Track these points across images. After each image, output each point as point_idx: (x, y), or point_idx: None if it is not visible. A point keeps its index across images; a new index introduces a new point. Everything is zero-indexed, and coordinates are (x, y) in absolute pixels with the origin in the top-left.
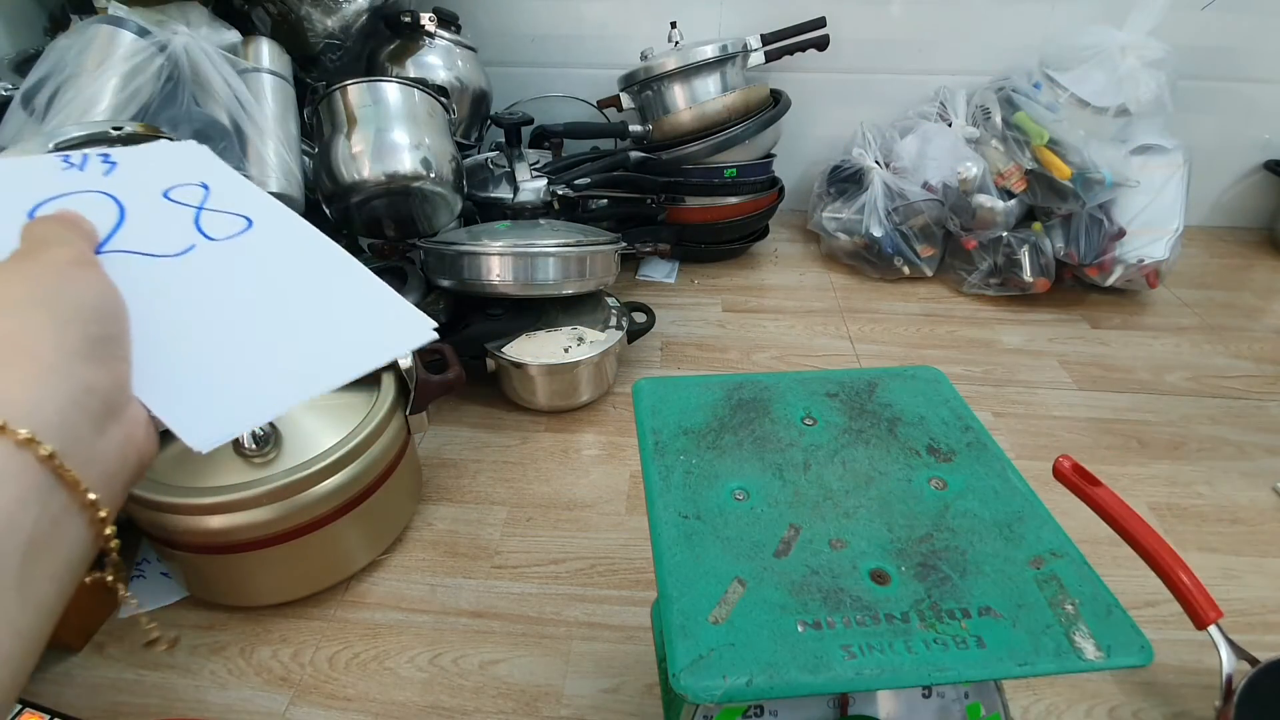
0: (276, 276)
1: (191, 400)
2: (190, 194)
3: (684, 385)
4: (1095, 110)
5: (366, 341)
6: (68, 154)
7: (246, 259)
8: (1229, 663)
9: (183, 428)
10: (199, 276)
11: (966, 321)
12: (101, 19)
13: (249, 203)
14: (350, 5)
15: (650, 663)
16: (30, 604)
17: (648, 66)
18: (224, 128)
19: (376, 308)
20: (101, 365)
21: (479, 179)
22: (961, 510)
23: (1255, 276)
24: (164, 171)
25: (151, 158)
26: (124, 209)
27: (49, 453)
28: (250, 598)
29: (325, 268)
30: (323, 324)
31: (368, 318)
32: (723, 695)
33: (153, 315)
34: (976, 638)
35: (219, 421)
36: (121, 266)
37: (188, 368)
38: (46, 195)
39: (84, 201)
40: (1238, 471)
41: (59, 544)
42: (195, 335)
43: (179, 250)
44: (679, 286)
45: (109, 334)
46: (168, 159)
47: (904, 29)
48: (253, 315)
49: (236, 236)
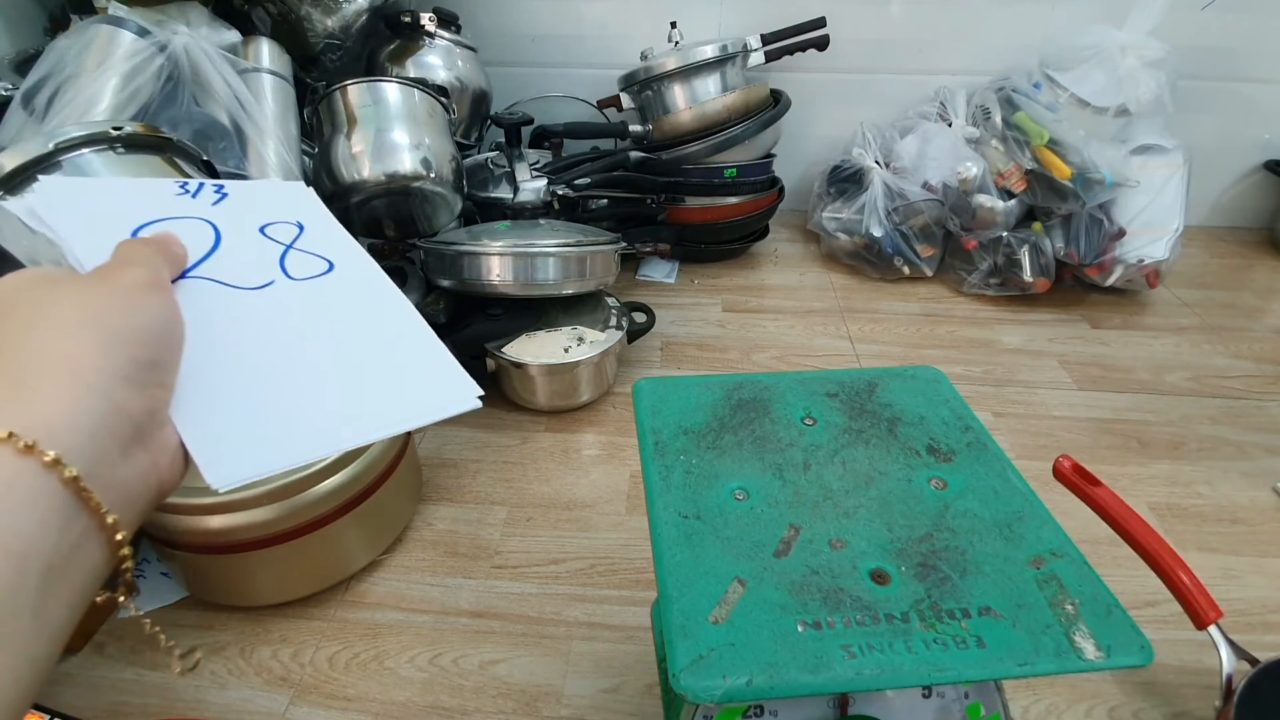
0: (340, 323)
1: (222, 435)
2: (284, 231)
3: (684, 385)
4: (1095, 110)
5: (409, 400)
6: (185, 180)
7: (317, 301)
8: (1229, 663)
9: (206, 461)
10: (268, 312)
11: (966, 321)
12: (101, 19)
13: (335, 247)
14: (350, 5)
15: (650, 663)
16: (45, 629)
17: (648, 66)
18: (224, 128)
19: (429, 367)
20: (140, 390)
21: (479, 179)
22: (961, 510)
23: (1255, 276)
24: (267, 207)
25: (259, 193)
26: (220, 238)
27: (74, 476)
28: (250, 598)
29: (389, 320)
30: (371, 376)
31: (417, 376)
32: (723, 695)
33: (212, 344)
34: (976, 638)
35: (241, 463)
36: (199, 293)
37: (229, 402)
38: (155, 216)
39: (186, 226)
40: (1238, 471)
41: (76, 568)
42: (245, 370)
43: (257, 284)
44: (679, 286)
45: (156, 359)
46: (273, 196)
47: (904, 29)
48: (306, 358)
49: (314, 278)
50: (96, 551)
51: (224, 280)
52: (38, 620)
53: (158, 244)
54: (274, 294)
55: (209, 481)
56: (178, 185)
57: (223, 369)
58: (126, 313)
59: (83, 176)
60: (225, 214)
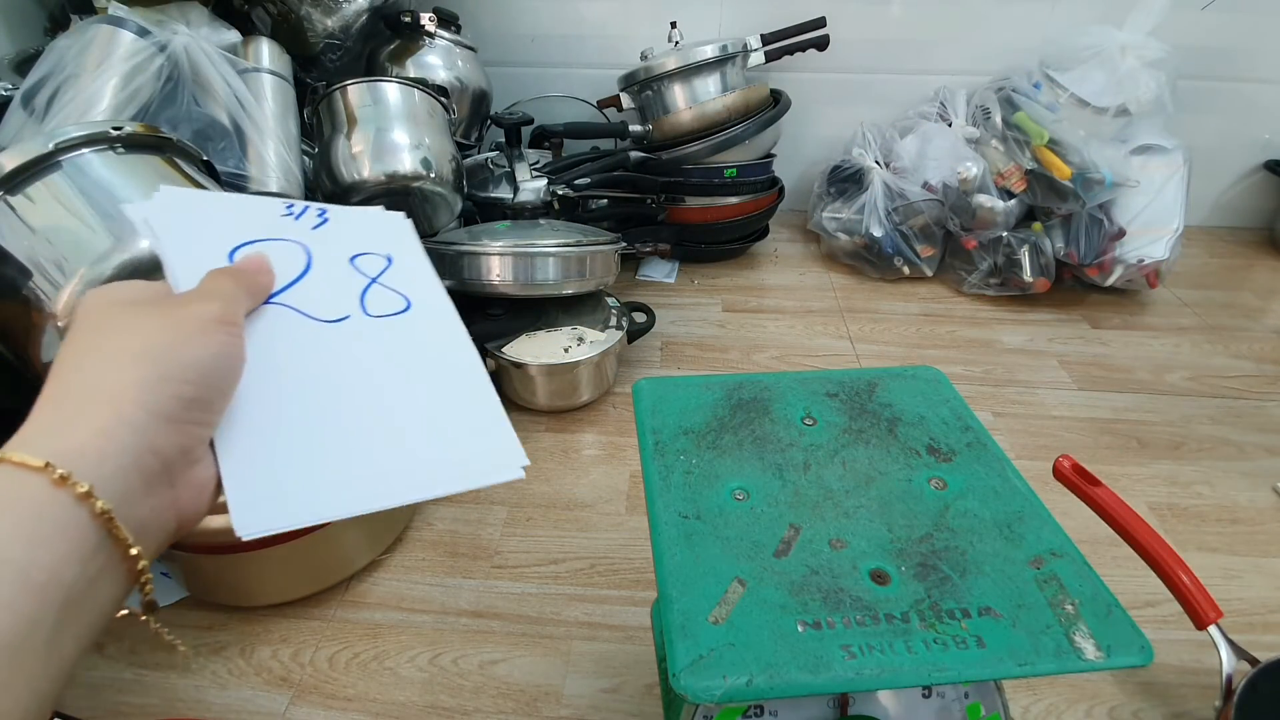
0: (404, 368)
1: (260, 480)
2: (372, 264)
3: (684, 385)
4: (1095, 110)
5: (454, 461)
6: (291, 202)
7: (387, 342)
8: (1229, 663)
9: (238, 505)
10: (336, 349)
11: (966, 321)
12: (101, 19)
13: (418, 285)
14: (350, 5)
15: (650, 663)
16: (55, 663)
17: (648, 66)
18: (224, 128)
19: (480, 427)
20: (178, 429)
21: (479, 179)
22: (961, 510)
23: (1255, 276)
24: (361, 236)
25: (357, 221)
26: (310, 265)
27: (106, 510)
28: (250, 598)
29: (452, 370)
30: (421, 430)
31: (467, 436)
32: (723, 695)
33: (274, 377)
34: (976, 638)
35: (272, 512)
36: (276, 319)
37: (275, 443)
38: (256, 236)
39: (281, 249)
40: (1238, 471)
41: (92, 602)
42: (299, 410)
43: (333, 318)
44: (679, 286)
45: (201, 398)
46: (370, 225)
47: (904, 29)
48: (362, 404)
49: (390, 316)
50: (115, 585)
51: (303, 309)
52: (50, 653)
53: (243, 275)
54: (347, 329)
55: (236, 527)
56: (284, 205)
57: (278, 405)
58: (184, 348)
59: (198, 189)
60: (322, 240)
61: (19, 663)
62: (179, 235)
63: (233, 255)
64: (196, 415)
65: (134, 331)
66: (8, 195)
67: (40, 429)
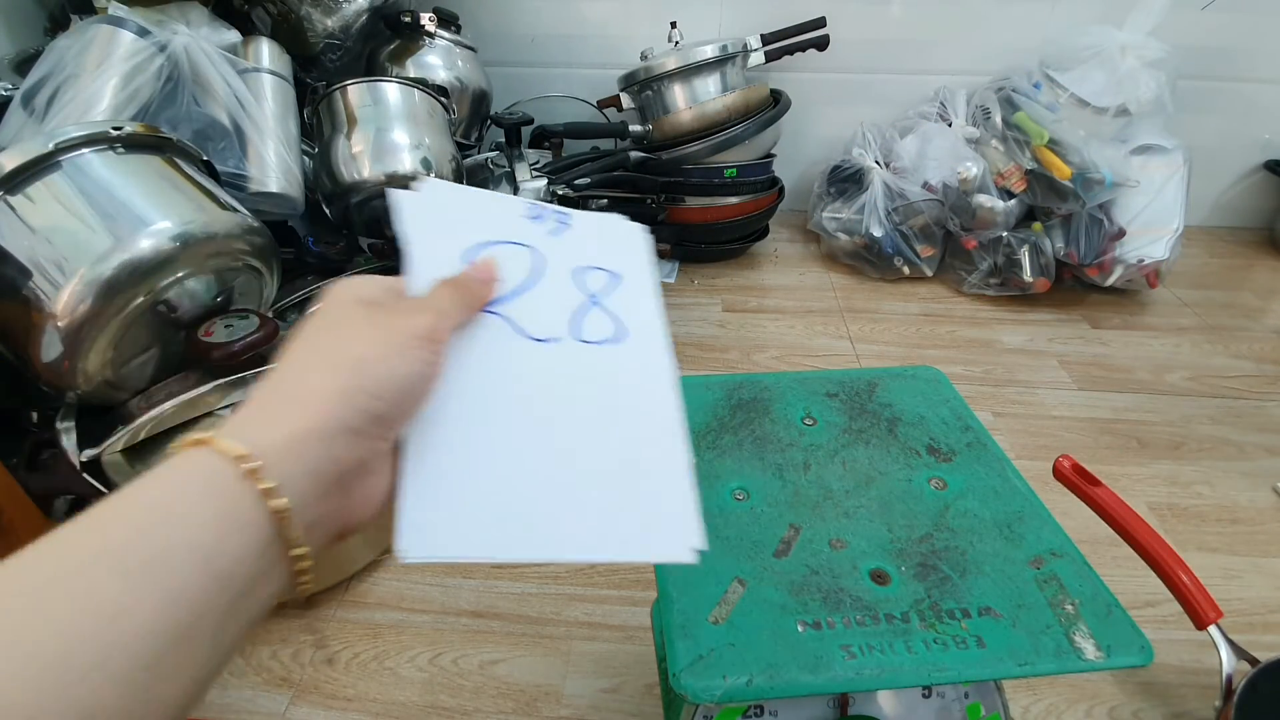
0: (601, 408)
1: (436, 504)
2: (597, 280)
3: (684, 385)
4: (1095, 110)
5: (628, 528)
6: (536, 204)
7: (591, 374)
8: (1229, 663)
9: (407, 527)
10: (539, 373)
11: (966, 321)
12: (101, 19)
13: (637, 314)
14: (350, 5)
15: (650, 663)
16: (216, 656)
17: (648, 66)
18: (224, 128)
19: (664, 497)
20: (360, 442)
21: (479, 179)
22: (961, 510)
23: (1255, 276)
24: (595, 247)
25: (594, 229)
26: (538, 276)
27: (285, 509)
28: None
29: (650, 421)
30: (604, 485)
31: (648, 501)
32: (723, 695)
33: (471, 394)
34: (976, 638)
35: (439, 540)
36: (488, 329)
37: (458, 467)
38: (495, 238)
39: (515, 254)
40: (1238, 471)
41: (254, 597)
42: (487, 435)
43: (543, 336)
44: (679, 286)
45: (388, 414)
46: (607, 235)
47: (904, 29)
48: (549, 440)
49: (600, 344)
50: (276, 582)
51: (517, 323)
52: (214, 645)
53: (464, 288)
54: (553, 353)
55: (398, 548)
56: (528, 206)
57: (468, 426)
58: (386, 362)
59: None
60: (557, 248)
61: (187, 650)
62: (427, 228)
63: (469, 255)
64: (380, 430)
65: (352, 337)
66: (8, 195)
67: (247, 419)
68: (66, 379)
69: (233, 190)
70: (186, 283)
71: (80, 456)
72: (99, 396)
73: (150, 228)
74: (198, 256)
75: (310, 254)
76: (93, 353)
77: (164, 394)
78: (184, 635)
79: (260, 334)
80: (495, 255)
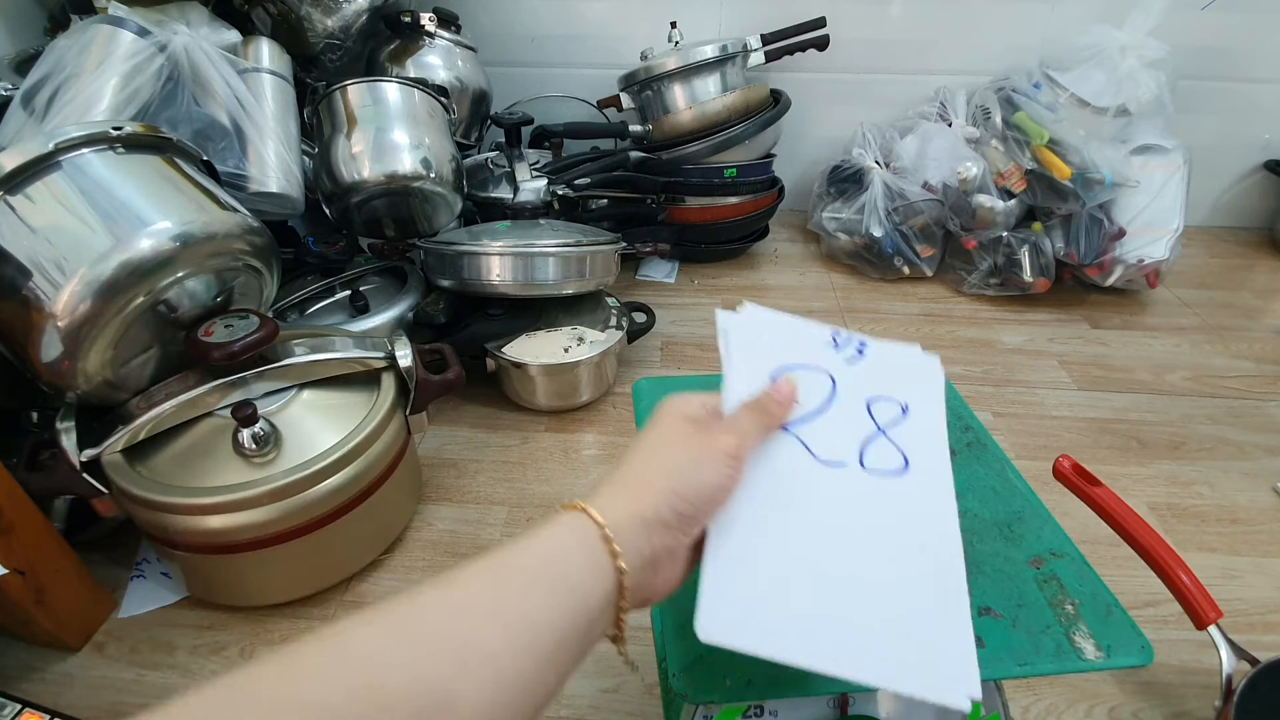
0: (883, 538)
1: (735, 595)
2: (886, 412)
3: (684, 386)
4: (1095, 110)
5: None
6: (838, 331)
7: (874, 503)
8: (1229, 663)
9: (709, 608)
10: (826, 495)
11: (966, 321)
12: (101, 19)
13: (923, 446)
14: (350, 5)
15: (650, 663)
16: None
17: (648, 66)
18: (224, 128)
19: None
20: (669, 534)
21: (479, 179)
22: (961, 510)
23: (1255, 276)
24: (889, 376)
25: (890, 359)
26: (831, 401)
27: (624, 569)
28: (250, 598)
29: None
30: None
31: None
32: (723, 695)
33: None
34: (977, 638)
35: (733, 627)
36: (782, 447)
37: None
38: (799, 361)
39: (814, 378)
40: (1238, 471)
41: (589, 638)
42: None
43: (832, 460)
44: (679, 286)
45: (694, 514)
46: (901, 364)
47: (904, 29)
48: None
49: (884, 476)
50: (603, 628)
51: (809, 444)
52: (570, 660)
53: (764, 411)
54: (839, 477)
55: (699, 627)
56: (830, 333)
57: (762, 530)
58: (698, 473)
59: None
60: (853, 375)
61: (563, 655)
62: (743, 349)
63: (776, 374)
64: (685, 526)
65: (677, 448)
66: (8, 195)
67: (606, 498)
68: (66, 379)
69: (233, 190)
70: (186, 283)
71: (80, 456)
72: (99, 396)
73: (150, 228)
74: (198, 256)
75: (310, 254)
76: (93, 353)
77: (164, 394)
78: (564, 642)
79: (260, 334)
80: (797, 378)
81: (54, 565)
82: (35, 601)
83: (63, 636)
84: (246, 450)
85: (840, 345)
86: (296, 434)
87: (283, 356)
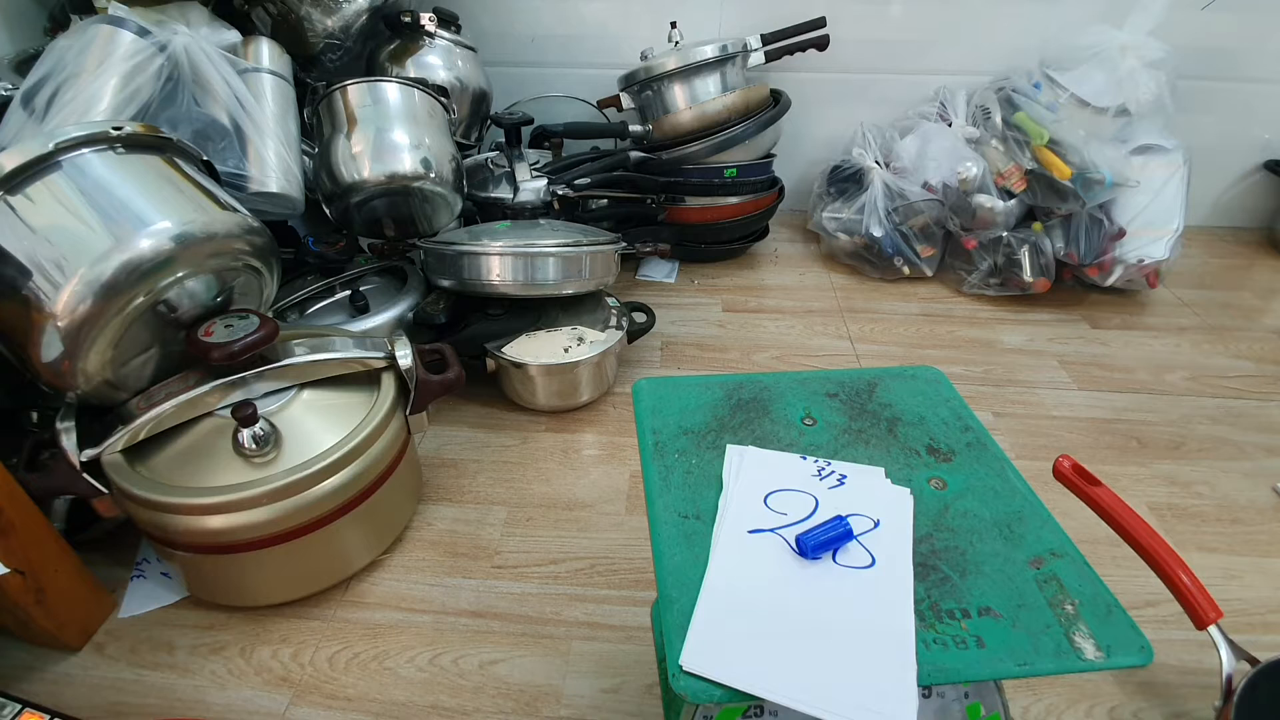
0: (847, 612)
1: (714, 637)
2: (860, 524)
3: (684, 385)
4: (1095, 110)
5: (857, 698)
6: (824, 464)
7: (843, 588)
8: (1229, 663)
9: (691, 646)
10: (805, 579)
11: (966, 321)
12: (101, 19)
13: (888, 550)
14: (350, 5)
15: (650, 663)
16: None
17: (648, 66)
18: (224, 128)
19: (889, 681)
20: None
21: (479, 179)
22: (961, 510)
23: (1255, 276)
24: (864, 498)
25: (866, 486)
26: (813, 516)
27: None
28: (250, 598)
29: (884, 630)
30: (844, 664)
31: (875, 683)
32: (723, 695)
33: (749, 578)
34: (976, 638)
35: (710, 663)
36: (772, 543)
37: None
38: (787, 486)
39: (799, 499)
40: (1238, 471)
41: None
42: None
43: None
44: (679, 286)
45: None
46: (876, 491)
47: (904, 29)
48: (803, 623)
49: (853, 569)
50: None
51: (792, 544)
52: None
53: None
54: (816, 566)
55: (682, 660)
56: (816, 466)
57: (743, 600)
58: None
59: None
60: (832, 498)
61: None
62: (744, 475)
63: (768, 496)
64: None
65: None
66: (8, 195)
67: None
68: (66, 379)
69: (233, 190)
70: (186, 283)
71: (80, 456)
72: (99, 396)
73: (150, 228)
74: (197, 256)
75: (310, 254)
76: (93, 353)
77: (164, 394)
78: None
79: (260, 334)
80: (785, 497)
81: (54, 565)
82: (35, 601)
83: (63, 636)
84: (246, 450)
85: (823, 476)
86: (296, 434)
87: (283, 356)
